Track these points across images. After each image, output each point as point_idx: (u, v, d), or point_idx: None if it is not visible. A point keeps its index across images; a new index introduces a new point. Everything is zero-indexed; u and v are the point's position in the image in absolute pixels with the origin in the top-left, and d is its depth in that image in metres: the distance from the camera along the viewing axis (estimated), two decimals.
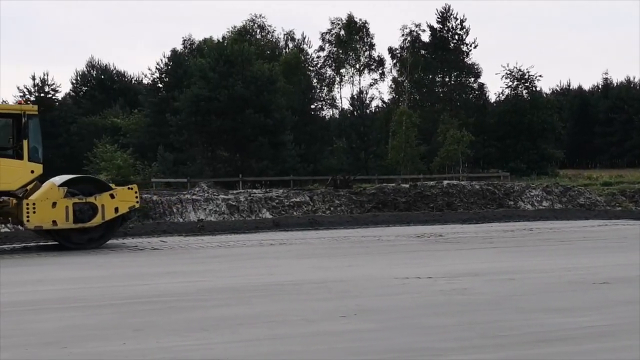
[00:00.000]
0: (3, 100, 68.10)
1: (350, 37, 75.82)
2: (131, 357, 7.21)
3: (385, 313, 9.21)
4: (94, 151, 57.06)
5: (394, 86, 76.39)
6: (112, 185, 19.48)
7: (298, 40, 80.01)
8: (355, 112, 71.21)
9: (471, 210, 27.85)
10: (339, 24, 76.28)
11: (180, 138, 55.64)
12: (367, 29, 76.46)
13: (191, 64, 61.11)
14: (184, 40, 79.01)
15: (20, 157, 17.72)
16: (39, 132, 18.40)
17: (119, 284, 12.27)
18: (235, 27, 78.00)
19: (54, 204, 17.57)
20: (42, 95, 71.86)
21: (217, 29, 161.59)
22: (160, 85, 66.74)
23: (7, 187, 17.73)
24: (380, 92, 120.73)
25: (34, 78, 72.15)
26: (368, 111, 73.69)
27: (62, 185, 18.07)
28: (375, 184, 36.69)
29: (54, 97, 73.62)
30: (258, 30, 79.79)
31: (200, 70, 55.54)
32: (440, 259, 15.09)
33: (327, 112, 79.71)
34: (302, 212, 26.72)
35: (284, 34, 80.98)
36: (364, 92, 74.77)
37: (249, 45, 59.23)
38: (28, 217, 17.37)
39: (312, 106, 71.99)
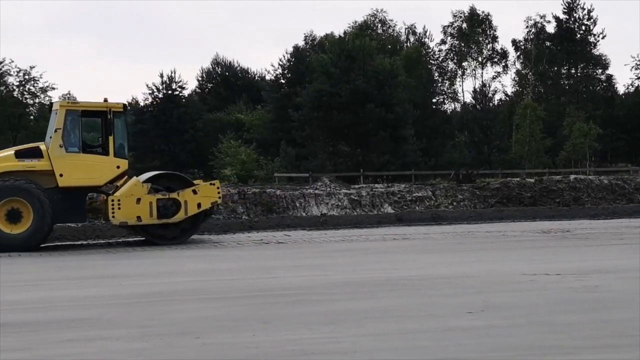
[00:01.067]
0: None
1: (473, 30, 74.77)
2: (262, 348, 7.38)
3: (513, 310, 9.08)
4: (219, 146, 58.40)
5: (517, 79, 74.85)
6: (201, 181, 19.91)
7: (419, 34, 79.41)
8: (477, 106, 70.24)
9: (599, 206, 27.09)
10: (461, 17, 75.36)
11: (302, 133, 56.23)
12: (490, 21, 75.24)
13: (313, 59, 61.64)
14: (306, 37, 79.69)
15: (107, 154, 18.43)
16: (125, 129, 19.15)
17: (248, 276, 12.55)
18: (356, 22, 78.18)
19: (139, 200, 18.07)
20: (169, 92, 74.03)
21: (338, 25, 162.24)
22: (283, 81, 67.60)
23: (94, 183, 18.36)
24: (504, 85, 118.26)
25: (162, 75, 74.36)
26: (491, 104, 72.46)
27: (146, 181, 18.67)
28: (499, 179, 36.09)
29: (180, 94, 75.70)
30: (379, 25, 79.70)
31: (322, 65, 55.95)
32: (568, 256, 14.74)
33: (449, 106, 78.91)
34: (424, 206, 26.60)
35: (405, 28, 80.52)
36: (487, 85, 73.61)
37: (370, 40, 59.27)
38: (113, 213, 17.95)
39: (434, 100, 71.46)
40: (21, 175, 17.78)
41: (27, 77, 70.57)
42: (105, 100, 18.91)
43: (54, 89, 71.53)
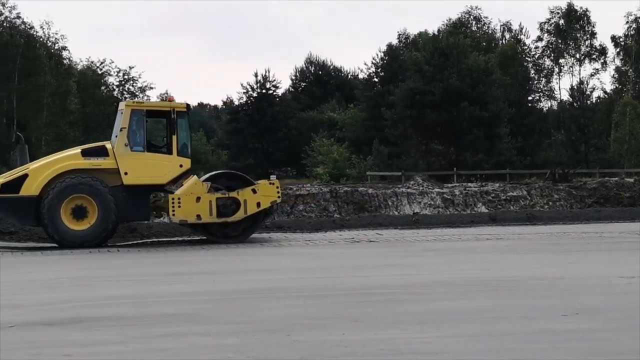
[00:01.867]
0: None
1: (570, 26, 73.08)
2: (351, 347, 7.38)
3: (610, 313, 8.84)
4: (312, 145, 58.74)
5: (617, 76, 72.84)
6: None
7: (515, 31, 78.15)
8: (575, 104, 68.62)
9: None
10: (558, 13, 73.72)
11: (395, 132, 56.06)
12: (588, 17, 73.38)
13: (406, 57, 61.39)
14: (399, 35, 79.29)
15: (170, 153, 18.75)
16: (188, 129, 19.46)
17: (339, 275, 12.59)
18: (450, 19, 77.40)
19: (198, 199, 18.16)
20: (263, 91, 74.89)
21: (432, 22, 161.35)
22: (376, 80, 67.55)
23: (158, 181, 18.65)
24: (602, 82, 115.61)
25: (256, 75, 75.30)
26: (589, 102, 70.72)
27: (206, 180, 18.87)
28: (596, 178, 35.23)
29: (274, 93, 76.50)
30: (473, 22, 78.74)
31: (415, 63, 55.67)
32: None
33: (545, 104, 77.37)
34: (519, 206, 26.16)
35: (501, 25, 79.39)
36: (585, 82, 71.92)
37: (464, 38, 58.66)
38: (174, 211, 18.13)
39: (530, 98, 70.17)
40: (87, 173, 18.24)
41: (126, 77, 72.58)
42: (170, 100, 19.36)
43: (152, 88, 73.42)
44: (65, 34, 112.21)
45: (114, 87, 72.96)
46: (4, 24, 64.19)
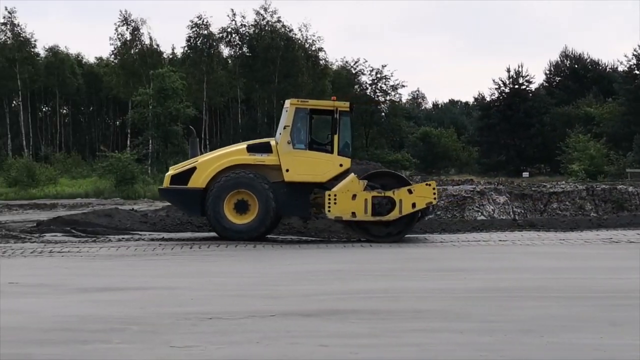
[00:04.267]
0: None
1: None
2: (609, 352, 7.08)
3: None
4: (566, 141, 56.76)
5: None
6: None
7: None
8: None
9: None
10: None
11: None
12: None
13: None
14: None
15: (332, 152, 18.82)
16: (350, 128, 19.46)
17: (596, 276, 12.10)
18: None
19: (354, 196, 18.10)
20: (516, 86, 73.47)
21: None
22: (637, 72, 63.97)
23: (318, 179, 18.79)
24: None
25: (508, 70, 74.04)
26: None
27: (363, 178, 18.62)
28: None
29: (527, 89, 74.81)
30: None
31: None
32: None
33: None
34: None
35: None
36: None
37: None
38: (329, 207, 18.18)
39: None
40: (251, 169, 18.81)
41: (379, 75, 73.92)
42: (334, 99, 19.39)
43: (404, 86, 74.43)
44: (322, 35, 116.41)
45: (367, 85, 74.67)
46: (266, 28, 67.67)
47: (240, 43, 68.91)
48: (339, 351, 7.18)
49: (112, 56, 71.50)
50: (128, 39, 68.06)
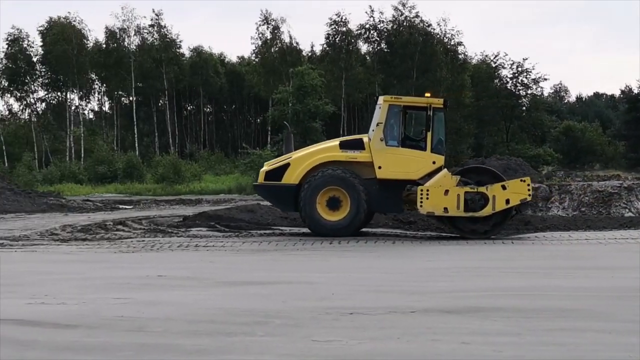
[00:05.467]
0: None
1: None
2: None
3: None
4: None
5: None
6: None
7: None
8: None
9: None
10: None
11: None
12: None
13: None
14: None
15: (424, 149, 18.66)
16: (444, 125, 19.32)
17: None
18: None
19: (447, 192, 17.94)
20: None
21: None
22: None
23: (410, 177, 18.64)
24: None
25: None
26: None
27: (456, 174, 18.46)
28: None
29: None
30: None
31: None
32: None
33: None
34: None
35: None
36: None
37: None
38: (421, 202, 18.00)
39: None
40: (343, 166, 18.86)
41: (519, 69, 72.39)
42: (428, 96, 19.13)
43: (545, 79, 72.51)
44: (461, 29, 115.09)
45: (508, 79, 73.20)
46: (404, 24, 67.46)
47: (378, 39, 68.94)
48: (481, 349, 7.07)
49: (253, 55, 73.14)
50: (268, 37, 69.37)
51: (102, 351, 7.01)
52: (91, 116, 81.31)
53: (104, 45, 70.69)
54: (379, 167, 18.77)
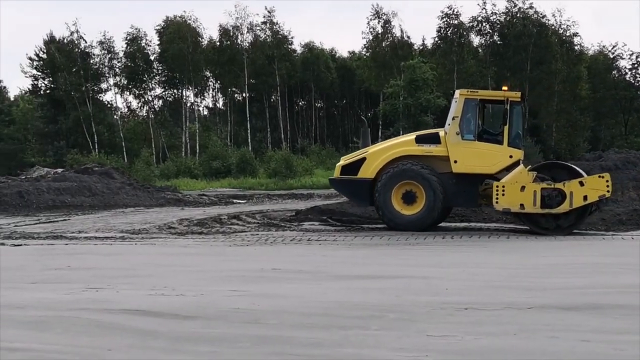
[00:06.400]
0: None
1: None
2: None
3: None
4: None
5: None
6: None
7: None
8: None
9: None
10: None
11: None
12: None
13: None
14: None
15: (501, 143, 18.49)
16: (521, 119, 19.05)
17: None
18: None
19: (523, 188, 17.66)
20: None
21: None
22: None
23: (486, 171, 18.58)
24: None
25: None
26: None
27: (532, 170, 18.15)
28: None
29: None
30: None
31: None
32: None
33: None
34: None
35: None
36: None
37: None
38: (497, 199, 17.87)
39: None
40: (419, 160, 18.77)
41: (639, 59, 70.03)
42: (505, 89, 18.87)
43: None
44: (577, 20, 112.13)
45: (626, 70, 70.89)
46: (518, 15, 66.24)
47: (490, 31, 67.94)
48: (601, 347, 6.87)
49: (364, 49, 73.22)
50: (379, 32, 69.33)
51: (221, 342, 7.15)
52: (205, 112, 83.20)
53: (218, 43, 72.20)
54: (455, 161, 18.71)
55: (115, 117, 74.10)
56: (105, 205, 30.08)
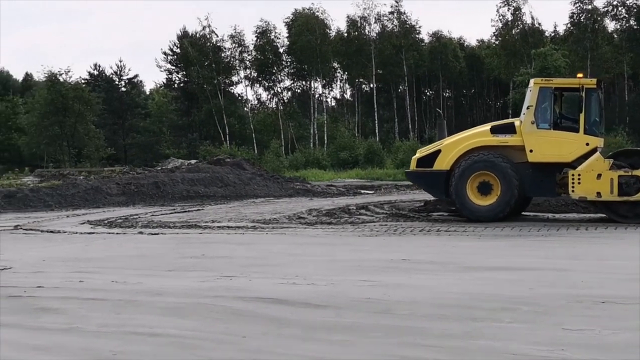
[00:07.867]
0: None
1: None
2: None
3: None
4: None
5: None
6: None
7: None
8: None
9: None
10: None
11: None
12: None
13: None
14: None
15: (577, 131, 18.14)
16: (599, 106, 18.28)
17: None
18: None
19: (599, 176, 17.43)
20: None
21: None
22: None
23: (562, 159, 18.19)
24: None
25: None
26: None
27: (608, 157, 17.52)
28: None
29: None
30: None
31: None
32: None
33: None
34: None
35: None
36: None
37: None
38: (573, 187, 17.62)
39: None
40: (494, 150, 18.56)
41: None
42: (580, 76, 18.50)
43: None
44: None
45: None
46: None
47: (627, 16, 65.48)
48: None
49: (493, 37, 71.97)
50: (509, 19, 67.97)
51: (353, 331, 7.21)
52: (333, 104, 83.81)
53: (346, 34, 72.54)
54: (531, 151, 18.46)
55: (245, 109, 75.64)
56: (237, 195, 30.78)
